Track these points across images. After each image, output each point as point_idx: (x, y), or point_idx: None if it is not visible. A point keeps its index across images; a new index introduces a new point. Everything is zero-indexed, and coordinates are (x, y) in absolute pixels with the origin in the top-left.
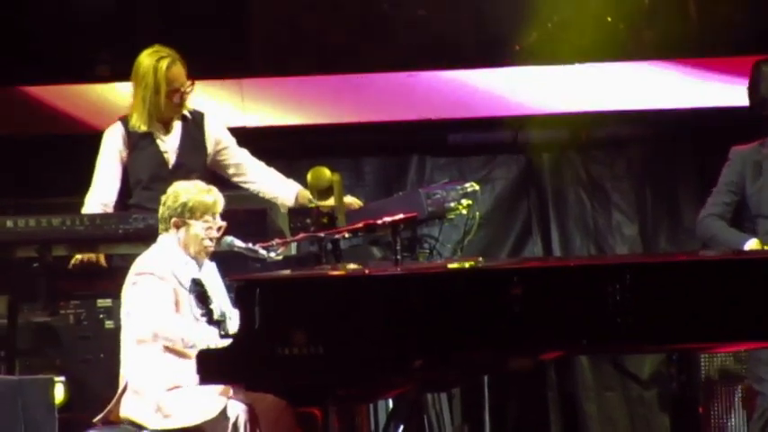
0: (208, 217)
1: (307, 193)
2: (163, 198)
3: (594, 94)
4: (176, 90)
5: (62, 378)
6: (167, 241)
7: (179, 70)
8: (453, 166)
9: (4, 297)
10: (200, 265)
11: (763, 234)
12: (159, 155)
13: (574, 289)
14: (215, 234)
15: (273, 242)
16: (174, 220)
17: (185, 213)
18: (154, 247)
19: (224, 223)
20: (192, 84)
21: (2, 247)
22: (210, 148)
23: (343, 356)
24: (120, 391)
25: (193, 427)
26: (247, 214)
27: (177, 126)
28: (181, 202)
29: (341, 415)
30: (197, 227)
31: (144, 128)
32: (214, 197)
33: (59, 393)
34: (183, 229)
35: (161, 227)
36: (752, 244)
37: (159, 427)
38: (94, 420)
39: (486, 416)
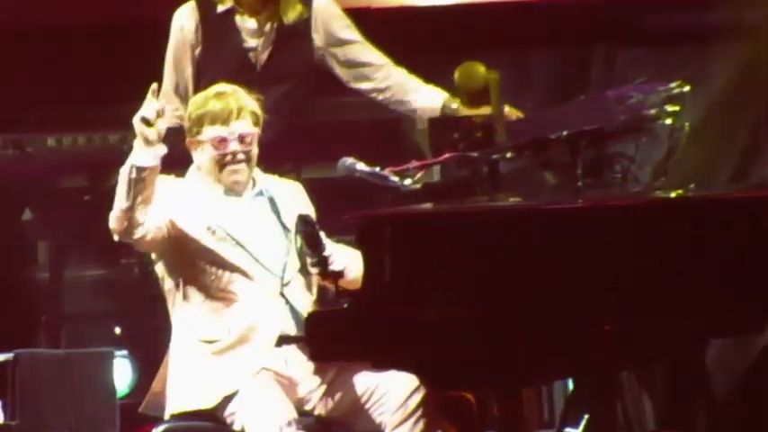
0: (216, 127)
1: (456, 102)
2: None
3: None
4: None
5: (124, 351)
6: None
7: None
8: (654, 60)
9: (45, 242)
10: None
11: None
12: (243, 52)
13: None
14: (234, 150)
15: (409, 165)
16: (188, 140)
17: (192, 128)
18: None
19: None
20: None
21: (42, 175)
22: (319, 41)
23: (505, 320)
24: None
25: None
26: (373, 127)
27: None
28: (186, 114)
29: (503, 401)
30: (206, 144)
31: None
32: (224, 100)
33: (122, 372)
34: (197, 152)
35: None
36: None
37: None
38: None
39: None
